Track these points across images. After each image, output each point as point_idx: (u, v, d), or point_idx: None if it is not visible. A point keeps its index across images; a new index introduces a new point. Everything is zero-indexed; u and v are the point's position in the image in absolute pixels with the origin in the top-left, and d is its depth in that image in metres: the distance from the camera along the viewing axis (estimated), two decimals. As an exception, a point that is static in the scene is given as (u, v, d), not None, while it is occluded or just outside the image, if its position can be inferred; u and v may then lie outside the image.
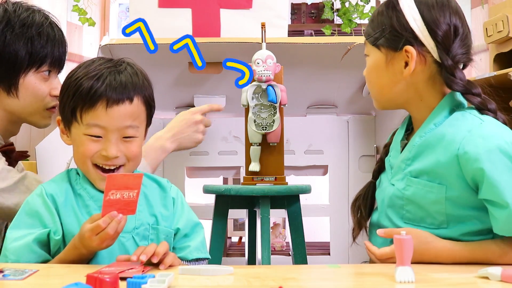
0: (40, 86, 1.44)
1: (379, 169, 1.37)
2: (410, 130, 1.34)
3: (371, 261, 1.28)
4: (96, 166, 1.16)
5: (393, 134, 1.38)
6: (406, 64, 1.22)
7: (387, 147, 1.38)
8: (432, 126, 1.21)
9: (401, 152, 1.27)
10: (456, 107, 1.23)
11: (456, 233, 1.16)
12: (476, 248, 1.13)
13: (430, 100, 1.24)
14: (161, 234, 1.19)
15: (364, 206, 1.34)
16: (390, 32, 1.23)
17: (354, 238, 1.35)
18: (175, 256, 1.13)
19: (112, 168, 1.17)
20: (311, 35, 3.04)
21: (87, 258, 1.12)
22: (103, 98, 1.12)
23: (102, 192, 1.13)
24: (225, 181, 2.88)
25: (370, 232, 1.33)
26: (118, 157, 1.15)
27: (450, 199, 1.15)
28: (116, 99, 1.13)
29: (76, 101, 1.14)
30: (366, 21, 2.87)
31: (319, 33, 2.98)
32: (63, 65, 1.51)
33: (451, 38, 1.20)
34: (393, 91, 1.25)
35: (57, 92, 1.42)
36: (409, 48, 1.21)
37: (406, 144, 1.28)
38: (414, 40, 1.21)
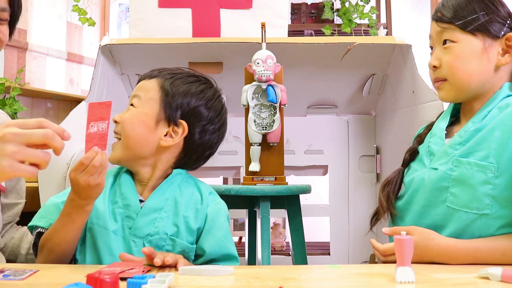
0: None
1: (410, 157, 1.35)
2: (453, 120, 1.32)
3: (371, 261, 1.28)
4: None
5: (428, 125, 1.36)
6: (502, 52, 1.21)
7: (421, 137, 1.35)
8: (486, 113, 1.20)
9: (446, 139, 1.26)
10: (507, 96, 1.22)
11: (495, 223, 1.13)
12: (479, 246, 1.13)
13: (497, 91, 1.22)
14: (178, 247, 1.13)
15: (392, 192, 1.32)
16: (490, 19, 1.20)
17: (372, 225, 1.33)
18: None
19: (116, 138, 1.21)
20: (311, 35, 3.04)
21: (85, 211, 1.08)
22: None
23: (134, 195, 1.15)
24: (225, 181, 2.88)
25: (394, 218, 1.31)
26: (118, 123, 1.20)
27: (500, 177, 1.12)
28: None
29: None
30: (366, 21, 2.86)
31: (319, 33, 2.98)
32: None
33: None
34: (480, 80, 1.22)
35: None
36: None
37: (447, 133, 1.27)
38: None
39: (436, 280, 0.97)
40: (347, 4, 2.82)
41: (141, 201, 1.16)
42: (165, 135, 1.18)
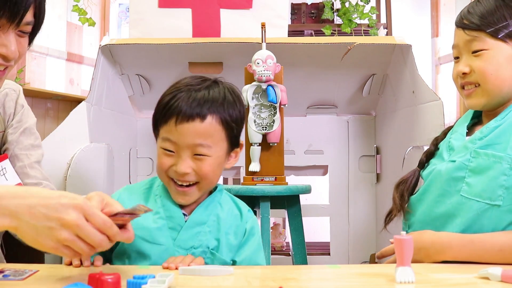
0: None
1: (427, 159, 1.36)
2: (475, 122, 1.33)
3: (371, 261, 1.28)
4: (172, 179, 1.14)
5: (445, 130, 1.38)
6: None
7: (437, 140, 1.37)
8: (507, 112, 1.21)
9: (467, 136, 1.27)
10: None
11: (506, 217, 1.13)
12: (474, 238, 1.13)
13: None
14: (217, 262, 1.14)
15: (406, 190, 1.33)
16: None
17: (386, 224, 1.34)
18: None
19: (185, 184, 1.13)
20: (311, 35, 3.04)
21: None
22: (174, 114, 1.10)
23: (177, 208, 1.15)
24: (225, 181, 2.88)
25: (408, 214, 1.31)
26: (189, 173, 1.12)
27: None
28: (185, 115, 1.10)
29: (157, 114, 1.15)
30: (366, 21, 2.86)
31: (319, 33, 2.98)
32: (21, 18, 1.09)
33: None
34: (511, 86, 1.23)
35: (5, 50, 1.09)
36: None
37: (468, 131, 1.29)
38: None
39: (436, 280, 0.97)
40: (347, 4, 2.81)
41: (183, 214, 1.17)
42: (229, 158, 1.21)
